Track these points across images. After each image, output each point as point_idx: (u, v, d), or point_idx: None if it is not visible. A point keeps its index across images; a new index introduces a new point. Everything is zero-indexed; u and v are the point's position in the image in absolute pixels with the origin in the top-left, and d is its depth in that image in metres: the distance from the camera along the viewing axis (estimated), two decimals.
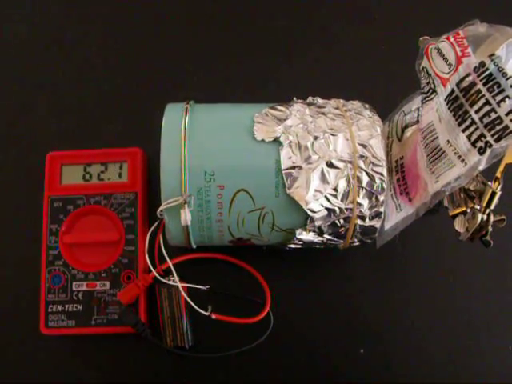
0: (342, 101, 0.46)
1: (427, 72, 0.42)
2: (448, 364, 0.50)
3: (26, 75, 0.57)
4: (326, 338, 0.50)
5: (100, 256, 0.49)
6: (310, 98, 0.47)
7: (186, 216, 0.41)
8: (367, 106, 0.46)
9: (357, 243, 0.45)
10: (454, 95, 0.39)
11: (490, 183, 0.40)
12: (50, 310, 0.48)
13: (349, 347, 0.50)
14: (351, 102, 0.46)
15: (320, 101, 0.46)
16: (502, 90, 0.36)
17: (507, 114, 0.36)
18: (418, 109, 0.45)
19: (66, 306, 0.48)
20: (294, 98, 0.46)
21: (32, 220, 0.50)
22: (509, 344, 0.50)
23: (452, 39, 0.39)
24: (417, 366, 0.50)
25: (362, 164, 0.41)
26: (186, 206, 0.40)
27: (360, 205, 0.42)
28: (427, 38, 0.43)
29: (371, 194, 0.41)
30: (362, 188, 0.41)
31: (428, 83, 0.42)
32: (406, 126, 0.46)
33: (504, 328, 0.51)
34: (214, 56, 0.57)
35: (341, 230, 0.43)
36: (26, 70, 0.57)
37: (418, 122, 0.44)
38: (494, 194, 0.40)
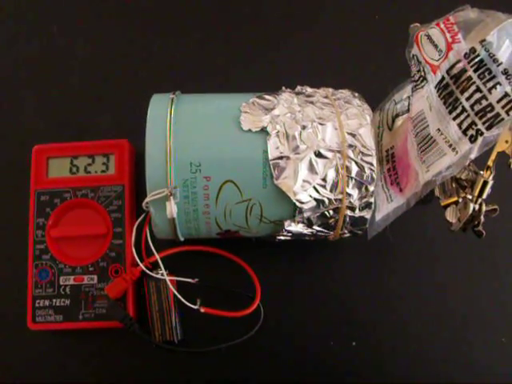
0: (330, 90, 0.45)
1: (417, 59, 0.41)
2: (440, 356, 0.49)
3: (12, 68, 0.56)
4: (317, 331, 0.49)
5: (87, 250, 0.48)
6: (298, 87, 0.46)
7: (172, 208, 0.40)
8: (356, 94, 0.45)
9: (347, 234, 0.45)
10: (444, 82, 0.38)
11: (481, 172, 0.39)
12: (37, 305, 0.47)
13: (341, 340, 0.49)
14: (340, 90, 0.45)
15: (309, 90, 0.45)
16: (493, 77, 0.36)
17: (498, 101, 0.36)
18: (409, 97, 0.44)
19: (54, 300, 0.47)
20: (283, 87, 0.45)
21: (18, 214, 0.50)
22: (502, 336, 0.49)
23: (442, 25, 0.39)
24: (409, 358, 0.49)
25: (351, 154, 0.40)
26: (171, 198, 0.40)
27: (349, 195, 0.41)
28: (417, 25, 0.42)
29: (361, 185, 0.41)
30: (352, 178, 0.40)
31: (418, 71, 0.41)
32: (397, 115, 0.46)
33: (497, 319, 0.50)
34: (202, 46, 0.56)
35: (330, 221, 0.42)
36: (12, 63, 0.56)
37: (408, 110, 0.44)
38: (485, 183, 0.39)
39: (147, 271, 0.46)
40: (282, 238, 0.44)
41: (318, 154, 0.40)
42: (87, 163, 0.50)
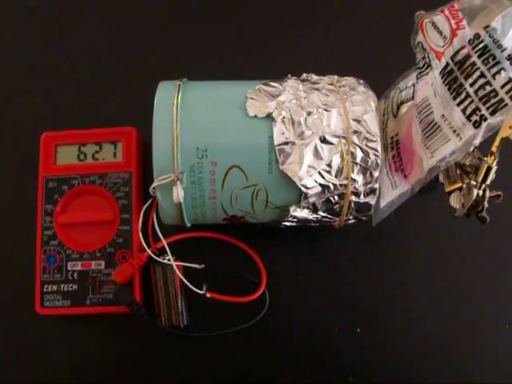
0: (336, 77, 0.46)
1: (422, 46, 0.41)
2: (445, 342, 0.50)
3: (20, 57, 0.57)
4: (322, 317, 0.50)
5: (95, 236, 0.49)
6: (304, 75, 0.46)
7: (179, 193, 0.40)
8: (361, 81, 0.45)
9: (352, 221, 0.45)
10: (448, 68, 0.39)
11: (485, 158, 0.40)
12: (45, 290, 0.48)
13: (345, 326, 0.50)
14: (346, 78, 0.46)
15: (314, 77, 0.46)
16: (497, 63, 0.36)
17: (502, 87, 0.36)
18: (414, 85, 0.44)
19: (61, 285, 0.48)
20: (289, 75, 0.46)
21: (27, 200, 0.50)
22: (506, 322, 0.50)
23: (447, 12, 0.39)
24: (414, 344, 0.50)
25: (355, 139, 0.41)
26: (178, 182, 0.40)
27: (354, 181, 0.41)
28: (422, 12, 0.42)
29: (366, 170, 0.41)
30: (356, 164, 0.41)
31: (423, 58, 0.41)
32: (402, 103, 0.46)
33: (501, 306, 0.50)
34: (209, 34, 0.57)
35: (335, 206, 0.42)
36: (20, 52, 0.57)
37: (413, 97, 0.44)
38: (489, 168, 0.39)
39: (154, 257, 0.47)
40: (288, 223, 0.45)
41: (323, 140, 0.40)
42: (95, 150, 0.50)
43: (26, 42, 0.57)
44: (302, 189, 0.40)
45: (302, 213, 0.42)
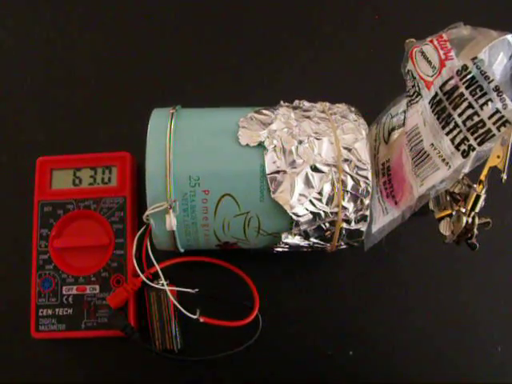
0: (327, 104, 0.46)
1: (412, 75, 0.42)
2: (437, 364, 0.50)
3: (16, 81, 0.57)
4: (314, 340, 0.50)
5: (90, 260, 0.49)
6: (296, 102, 0.47)
7: (172, 221, 0.41)
8: (353, 109, 0.46)
9: (344, 246, 0.45)
10: (437, 98, 0.39)
11: (474, 186, 0.40)
12: (40, 314, 0.48)
13: (338, 349, 0.50)
14: (337, 105, 0.46)
15: (306, 104, 0.46)
16: (485, 94, 0.36)
17: (490, 118, 0.36)
18: (405, 111, 0.44)
19: (57, 309, 0.48)
20: (281, 102, 0.46)
21: (22, 225, 0.51)
22: (497, 345, 0.50)
23: (435, 42, 0.39)
24: (405, 366, 0.50)
25: (346, 168, 0.41)
26: (170, 211, 0.41)
27: (345, 208, 0.42)
28: (413, 40, 0.43)
29: (356, 198, 0.42)
30: (347, 192, 0.41)
31: (413, 86, 0.42)
32: (393, 129, 0.46)
33: (492, 329, 0.51)
34: (204, 61, 0.57)
35: (327, 233, 0.43)
36: (16, 75, 0.58)
37: (404, 124, 0.44)
38: (478, 197, 0.40)
39: (148, 282, 0.47)
40: (280, 249, 0.45)
41: (314, 169, 0.41)
42: (90, 175, 0.51)
43: (21, 66, 0.58)
44: (293, 217, 0.41)
45: (294, 239, 0.43)
